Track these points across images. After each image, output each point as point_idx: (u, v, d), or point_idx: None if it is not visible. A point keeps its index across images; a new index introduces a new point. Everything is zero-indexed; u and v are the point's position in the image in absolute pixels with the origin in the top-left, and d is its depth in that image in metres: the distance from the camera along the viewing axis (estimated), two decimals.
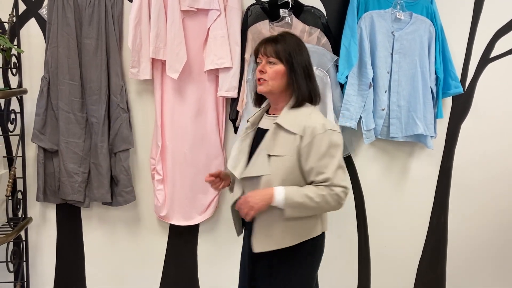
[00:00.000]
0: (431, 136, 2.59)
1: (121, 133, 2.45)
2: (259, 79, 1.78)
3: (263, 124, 1.85)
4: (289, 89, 1.78)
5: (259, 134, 1.83)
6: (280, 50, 1.75)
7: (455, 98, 2.72)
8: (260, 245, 1.76)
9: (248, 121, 1.89)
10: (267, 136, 1.76)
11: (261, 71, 1.77)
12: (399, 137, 2.58)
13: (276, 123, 1.74)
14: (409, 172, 2.75)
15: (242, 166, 1.82)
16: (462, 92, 2.61)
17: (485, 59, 2.71)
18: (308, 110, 1.76)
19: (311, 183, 1.71)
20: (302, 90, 1.76)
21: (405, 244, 2.81)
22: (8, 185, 2.23)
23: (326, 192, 1.66)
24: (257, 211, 1.67)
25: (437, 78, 2.58)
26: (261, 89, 1.78)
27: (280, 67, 1.75)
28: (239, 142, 1.88)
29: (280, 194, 1.66)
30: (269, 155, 1.72)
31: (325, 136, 1.68)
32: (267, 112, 1.88)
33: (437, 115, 2.61)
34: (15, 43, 2.37)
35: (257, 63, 1.83)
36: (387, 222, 2.78)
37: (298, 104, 1.77)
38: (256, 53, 1.84)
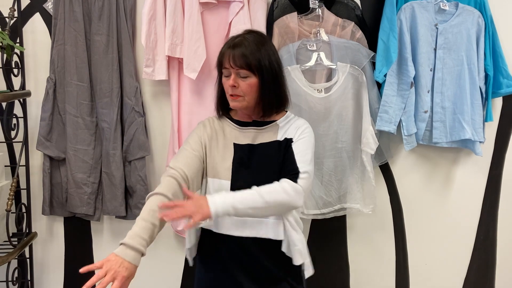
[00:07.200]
0: (480, 142, 2.32)
1: (136, 139, 2.23)
2: (231, 95, 1.60)
3: (257, 138, 1.66)
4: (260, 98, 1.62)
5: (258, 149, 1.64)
6: (250, 60, 1.55)
7: (506, 99, 2.44)
8: None
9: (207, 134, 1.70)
10: None
11: (234, 86, 1.58)
12: (443, 142, 2.31)
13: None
14: (454, 181, 2.48)
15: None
16: None
17: None
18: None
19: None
20: (272, 101, 1.63)
21: (449, 262, 2.54)
22: (9, 198, 2.01)
23: None
24: None
25: (486, 76, 2.31)
26: (236, 105, 1.61)
27: (253, 80, 1.57)
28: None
29: None
30: None
31: None
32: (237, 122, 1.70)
33: (486, 118, 2.34)
34: (18, 40, 2.16)
35: (221, 74, 1.65)
36: (428, 237, 2.51)
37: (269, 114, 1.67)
38: (220, 64, 1.63)
